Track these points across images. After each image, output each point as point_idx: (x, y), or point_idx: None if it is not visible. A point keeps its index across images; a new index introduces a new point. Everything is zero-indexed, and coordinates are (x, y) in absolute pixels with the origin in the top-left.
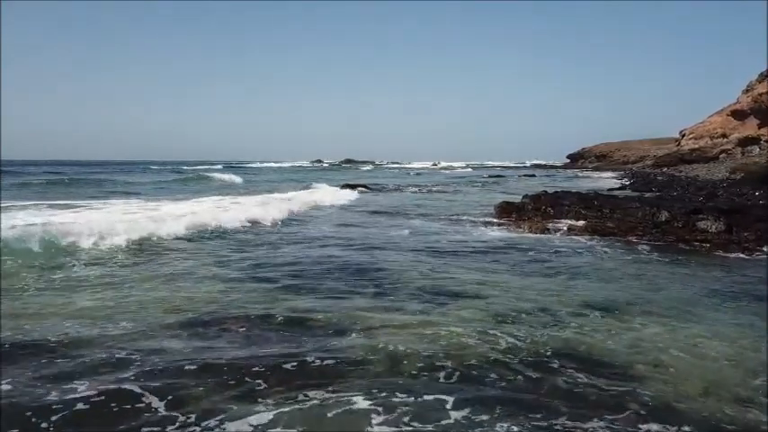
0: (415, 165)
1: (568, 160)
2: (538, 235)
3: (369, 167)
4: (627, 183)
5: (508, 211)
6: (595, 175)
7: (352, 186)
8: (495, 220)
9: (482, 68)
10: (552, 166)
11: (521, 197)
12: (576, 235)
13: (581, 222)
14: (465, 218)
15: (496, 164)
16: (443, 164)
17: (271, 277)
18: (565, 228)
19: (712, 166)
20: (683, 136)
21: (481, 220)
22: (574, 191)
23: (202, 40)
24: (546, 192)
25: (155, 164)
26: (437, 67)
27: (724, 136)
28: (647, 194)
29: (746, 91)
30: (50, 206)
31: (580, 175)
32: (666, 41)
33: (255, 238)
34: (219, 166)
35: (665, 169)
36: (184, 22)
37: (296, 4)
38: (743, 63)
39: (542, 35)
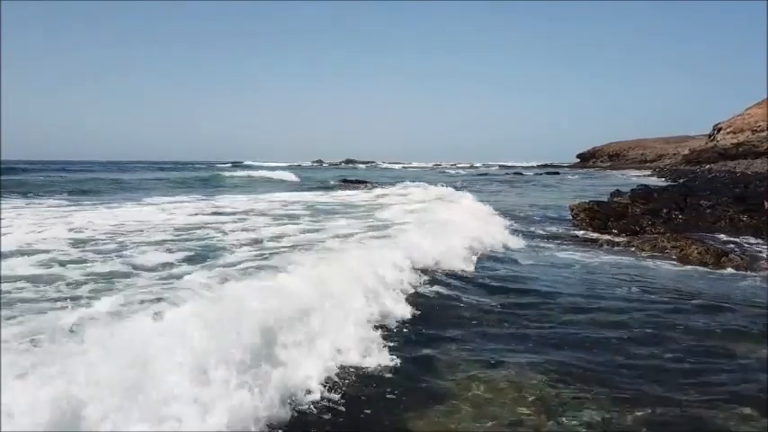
0: (415, 165)
1: (578, 160)
2: (710, 270)
3: (397, 167)
4: (681, 180)
5: (599, 219)
6: (625, 173)
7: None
8: (594, 235)
9: (482, 69)
10: (560, 166)
11: (608, 196)
12: None
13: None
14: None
15: (500, 164)
16: (445, 164)
17: None
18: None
19: None
20: (719, 131)
21: (577, 233)
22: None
23: (201, 40)
24: (646, 186)
25: (154, 164)
26: (437, 68)
27: None
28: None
29: None
30: None
31: (607, 173)
32: (667, 42)
33: None
34: (229, 165)
35: (707, 166)
36: (181, 19)
37: (296, 5)
38: (743, 63)
39: (542, 36)
